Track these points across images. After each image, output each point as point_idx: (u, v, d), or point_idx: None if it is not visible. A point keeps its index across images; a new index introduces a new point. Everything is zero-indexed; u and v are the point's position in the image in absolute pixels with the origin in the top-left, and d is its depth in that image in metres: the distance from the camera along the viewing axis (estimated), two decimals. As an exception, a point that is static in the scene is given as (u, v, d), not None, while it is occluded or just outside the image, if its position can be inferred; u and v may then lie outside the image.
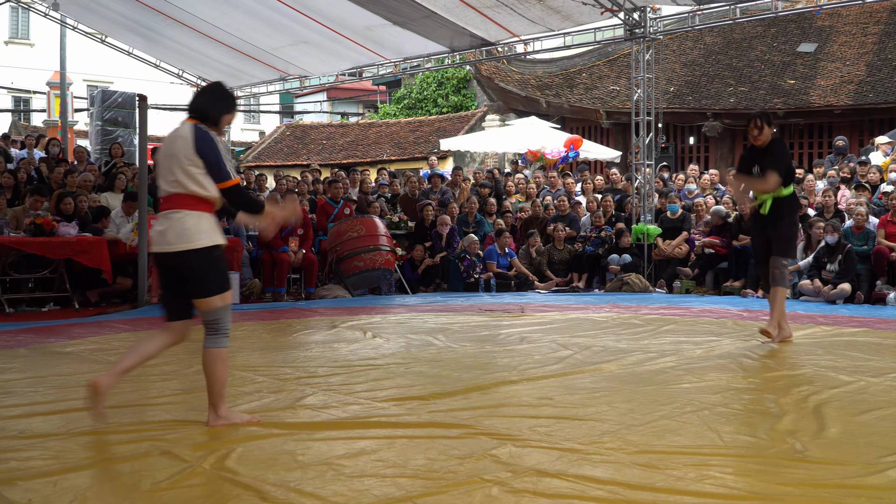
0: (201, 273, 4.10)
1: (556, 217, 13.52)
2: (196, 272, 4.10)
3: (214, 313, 4.14)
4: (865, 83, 19.38)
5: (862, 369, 5.75)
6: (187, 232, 4.06)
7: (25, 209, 10.42)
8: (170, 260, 4.12)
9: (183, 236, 4.05)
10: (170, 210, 4.12)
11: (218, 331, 4.17)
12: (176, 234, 4.06)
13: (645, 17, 12.99)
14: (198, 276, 4.10)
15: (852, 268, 10.39)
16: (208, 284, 4.11)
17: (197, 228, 4.08)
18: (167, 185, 4.14)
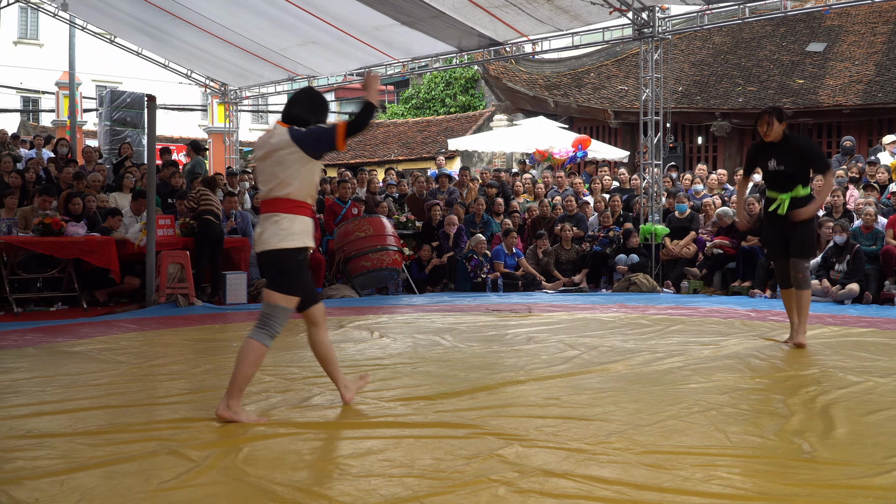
0: (282, 268, 4.35)
1: (564, 217, 13.51)
2: (278, 267, 4.36)
3: (273, 309, 4.37)
4: (874, 83, 19.32)
5: (870, 370, 5.73)
6: (281, 232, 4.33)
7: (34, 209, 10.45)
8: (266, 258, 4.39)
9: (277, 235, 4.33)
10: (269, 213, 4.39)
11: (265, 326, 4.38)
12: (271, 234, 4.34)
13: (653, 17, 12.97)
14: (279, 271, 4.36)
15: (861, 268, 10.36)
16: (281, 281, 4.36)
17: (290, 230, 4.33)
18: (266, 188, 4.41)
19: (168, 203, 12.05)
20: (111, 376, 5.64)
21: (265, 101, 34.72)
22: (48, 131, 24.37)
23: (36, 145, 16.47)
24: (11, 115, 30.47)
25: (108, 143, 18.99)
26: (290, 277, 4.37)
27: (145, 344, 7.26)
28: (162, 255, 10.19)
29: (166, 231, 10.67)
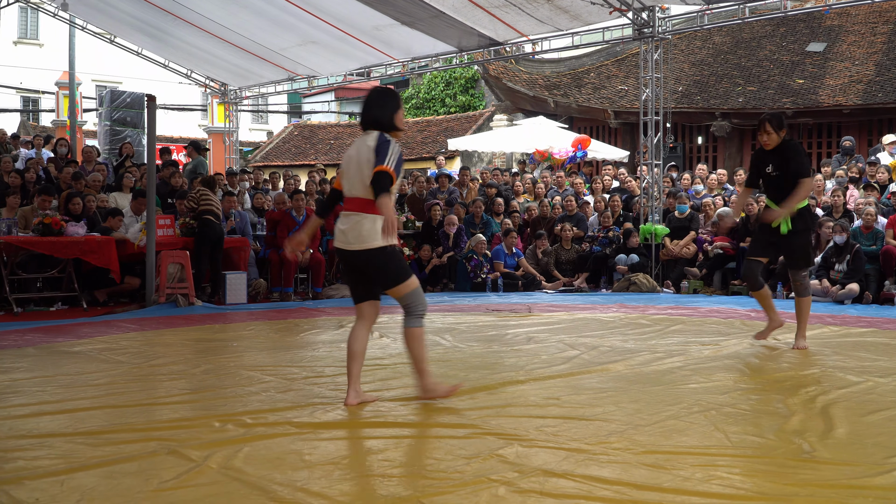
0: (382, 268, 4.58)
1: (564, 217, 13.51)
2: (377, 268, 4.59)
3: (405, 298, 4.63)
4: (874, 83, 19.31)
5: (870, 370, 5.73)
6: (363, 235, 4.53)
7: (34, 209, 10.45)
8: (349, 257, 4.62)
9: (360, 238, 4.53)
10: (351, 212, 4.60)
11: (412, 312, 4.65)
12: (354, 236, 4.55)
13: (653, 17, 12.97)
14: (380, 271, 4.60)
15: (861, 268, 10.36)
16: (391, 276, 4.59)
17: (373, 230, 4.51)
18: (350, 188, 4.62)
19: (168, 203, 12.05)
20: (111, 376, 5.64)
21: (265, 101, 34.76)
22: (48, 131, 24.37)
23: (36, 145, 16.46)
24: (11, 115, 30.48)
25: (108, 143, 18.99)
26: (391, 267, 4.59)
27: (145, 344, 7.26)
28: (162, 255, 10.19)
29: (166, 231, 10.67)
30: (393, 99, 4.73)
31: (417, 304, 4.65)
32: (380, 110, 4.66)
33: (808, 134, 20.10)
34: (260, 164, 27.02)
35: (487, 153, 24.34)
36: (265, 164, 27.10)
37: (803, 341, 6.67)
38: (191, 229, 10.84)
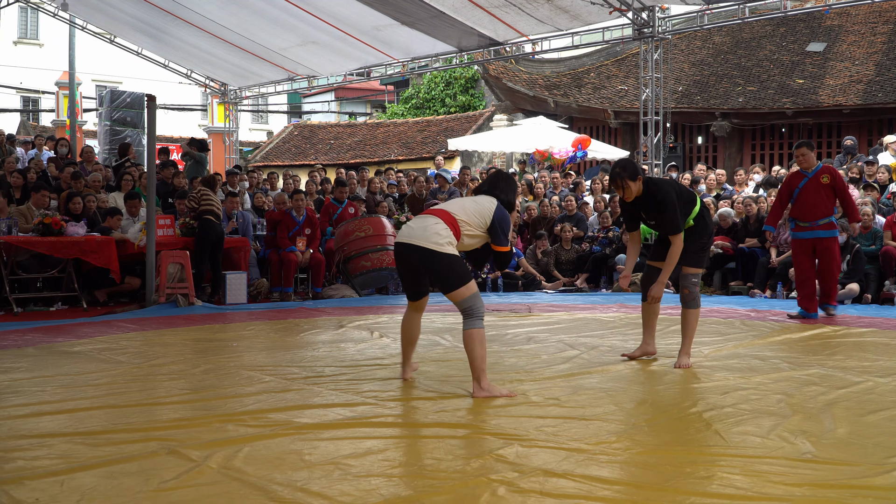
0: (445, 271, 4.80)
1: (564, 217, 13.51)
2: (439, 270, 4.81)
3: (464, 302, 4.80)
4: (874, 83, 19.32)
5: (870, 370, 5.73)
6: (435, 237, 4.78)
7: (29, 207, 10.44)
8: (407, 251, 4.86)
9: (426, 238, 4.78)
10: (429, 215, 4.93)
11: (471, 315, 4.81)
12: (421, 235, 4.80)
13: (653, 17, 12.98)
14: (441, 273, 4.81)
15: (860, 268, 10.36)
16: (454, 279, 4.79)
17: (449, 238, 4.80)
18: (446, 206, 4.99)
19: (168, 203, 12.05)
20: (111, 376, 5.63)
21: (265, 101, 34.79)
22: (48, 131, 24.38)
23: (37, 145, 16.46)
24: (11, 115, 30.49)
25: (108, 143, 18.99)
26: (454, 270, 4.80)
27: (145, 344, 7.26)
28: (162, 255, 10.19)
29: (166, 231, 10.67)
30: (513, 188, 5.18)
31: (478, 306, 4.82)
32: (506, 195, 5.08)
33: (808, 134, 20.10)
34: (260, 164, 27.02)
35: (487, 153, 24.33)
36: (265, 164, 27.10)
37: (686, 359, 5.97)
38: (191, 229, 10.83)
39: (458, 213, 4.88)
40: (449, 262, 4.76)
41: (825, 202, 8.72)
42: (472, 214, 4.90)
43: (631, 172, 5.73)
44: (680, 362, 5.94)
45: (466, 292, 4.78)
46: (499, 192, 5.06)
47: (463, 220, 4.87)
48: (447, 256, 4.75)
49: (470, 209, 4.93)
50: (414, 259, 4.83)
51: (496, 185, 5.10)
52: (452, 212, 4.89)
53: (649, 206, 5.80)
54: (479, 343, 4.79)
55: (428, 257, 4.75)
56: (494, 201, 4.98)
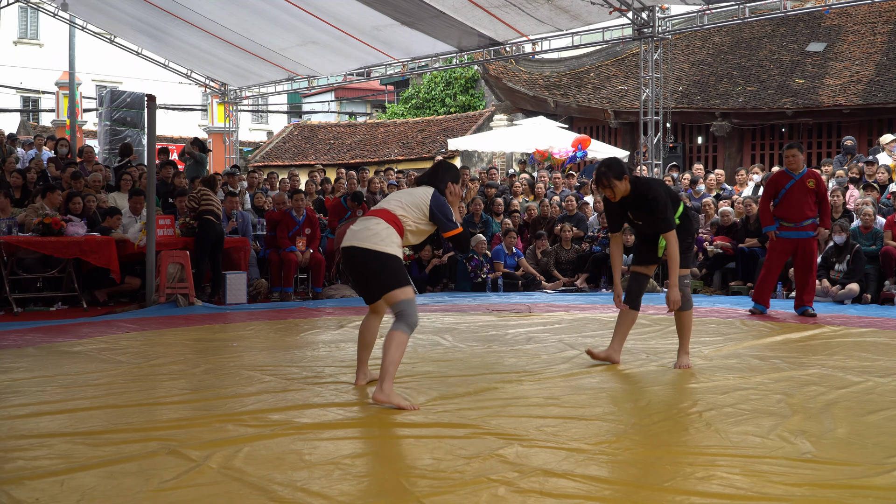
0: (380, 270, 4.73)
1: (564, 217, 13.51)
2: (375, 270, 4.74)
3: (399, 305, 4.72)
4: (874, 83, 19.32)
5: (870, 370, 5.73)
6: (374, 237, 4.73)
7: (36, 209, 10.44)
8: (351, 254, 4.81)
9: (372, 240, 4.72)
10: (371, 216, 4.86)
11: (402, 318, 4.71)
12: (364, 236, 4.75)
13: (653, 17, 12.98)
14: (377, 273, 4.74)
15: (860, 268, 10.36)
16: (389, 279, 4.73)
17: (388, 238, 4.74)
18: (384, 204, 4.94)
19: (168, 203, 12.05)
20: (111, 376, 5.64)
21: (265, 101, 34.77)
22: (48, 131, 24.38)
23: (37, 145, 16.46)
24: (11, 115, 30.48)
25: (108, 143, 18.99)
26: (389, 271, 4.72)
27: (145, 344, 7.26)
28: (162, 255, 10.19)
29: (166, 231, 10.67)
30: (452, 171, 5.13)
31: (411, 313, 4.72)
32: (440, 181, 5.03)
33: (807, 134, 20.11)
34: (260, 164, 27.02)
35: (487, 153, 24.33)
36: (265, 164, 27.10)
37: (686, 358, 5.93)
38: (191, 229, 10.83)
39: (396, 210, 4.85)
40: (388, 262, 4.71)
41: (809, 205, 8.99)
42: (410, 207, 4.87)
43: (617, 172, 5.63)
44: (680, 363, 5.90)
45: (401, 296, 4.71)
46: (437, 181, 5.02)
47: (402, 216, 4.84)
48: (387, 257, 4.70)
49: (406, 202, 4.90)
50: (357, 261, 4.77)
51: (435, 174, 5.06)
52: (391, 209, 4.86)
53: (638, 205, 5.72)
54: (396, 346, 4.65)
55: (369, 258, 4.71)
56: (430, 190, 4.94)
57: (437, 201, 4.90)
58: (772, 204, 9.18)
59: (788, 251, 9.12)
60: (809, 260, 9.04)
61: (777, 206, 9.09)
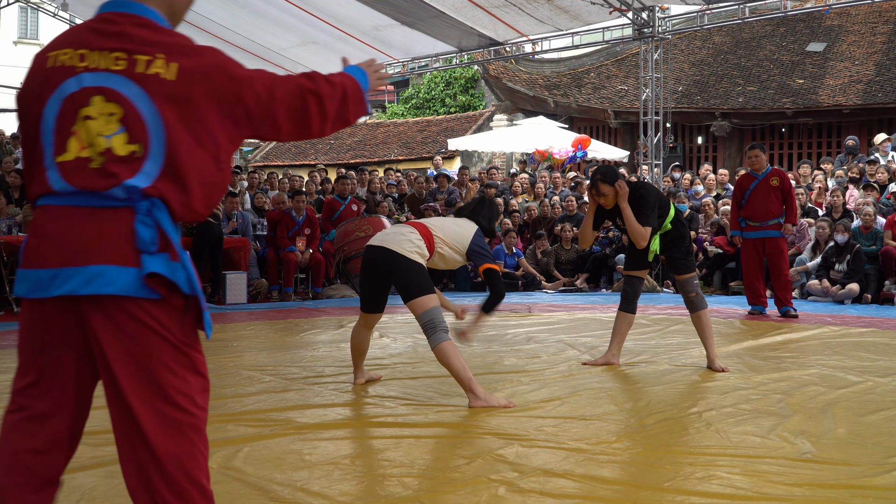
0: (407, 277, 4.70)
1: (564, 217, 13.51)
2: (402, 276, 4.71)
3: (423, 315, 4.70)
4: (874, 83, 19.32)
5: (870, 370, 5.73)
6: (408, 244, 4.73)
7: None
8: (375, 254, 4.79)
9: (402, 245, 4.72)
10: (406, 225, 4.92)
11: (434, 328, 4.69)
12: (394, 240, 4.75)
13: (653, 17, 12.98)
14: (404, 279, 4.71)
15: (861, 268, 10.35)
16: (414, 287, 4.70)
17: (420, 249, 4.76)
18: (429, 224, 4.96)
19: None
20: (111, 376, 5.62)
21: (265, 101, 34.73)
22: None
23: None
24: (11, 115, 30.47)
25: (108, 143, 19.01)
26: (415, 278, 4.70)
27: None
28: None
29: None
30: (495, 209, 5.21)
31: (441, 321, 4.73)
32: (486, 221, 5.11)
33: (807, 134, 20.12)
34: (260, 164, 27.02)
35: (487, 153, 24.34)
36: (265, 164, 27.11)
37: (718, 362, 5.82)
38: (190, 229, 10.84)
39: (436, 230, 4.87)
40: (414, 268, 4.69)
41: (775, 203, 9.03)
42: (451, 235, 4.90)
43: (609, 177, 5.67)
44: (713, 366, 5.77)
45: (427, 303, 4.69)
46: (480, 217, 5.07)
47: (439, 237, 4.85)
48: (413, 263, 4.70)
49: (449, 229, 4.93)
50: (380, 261, 4.75)
51: (479, 210, 5.11)
52: (431, 226, 4.89)
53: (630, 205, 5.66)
54: (452, 356, 4.62)
55: (394, 261, 4.69)
56: (474, 226, 5.00)
57: (478, 239, 4.95)
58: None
59: (759, 250, 9.16)
60: (778, 259, 9.07)
61: (743, 206, 9.19)
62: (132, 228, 2.02)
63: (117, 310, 2.01)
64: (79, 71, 2.09)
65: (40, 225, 2.06)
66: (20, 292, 2.08)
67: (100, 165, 2.03)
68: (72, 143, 2.06)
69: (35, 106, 2.13)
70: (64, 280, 1.99)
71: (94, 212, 2.02)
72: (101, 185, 2.02)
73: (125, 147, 2.04)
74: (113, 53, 2.08)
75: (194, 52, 2.15)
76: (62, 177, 2.05)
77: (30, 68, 2.21)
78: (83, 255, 2.00)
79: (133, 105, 2.05)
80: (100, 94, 2.07)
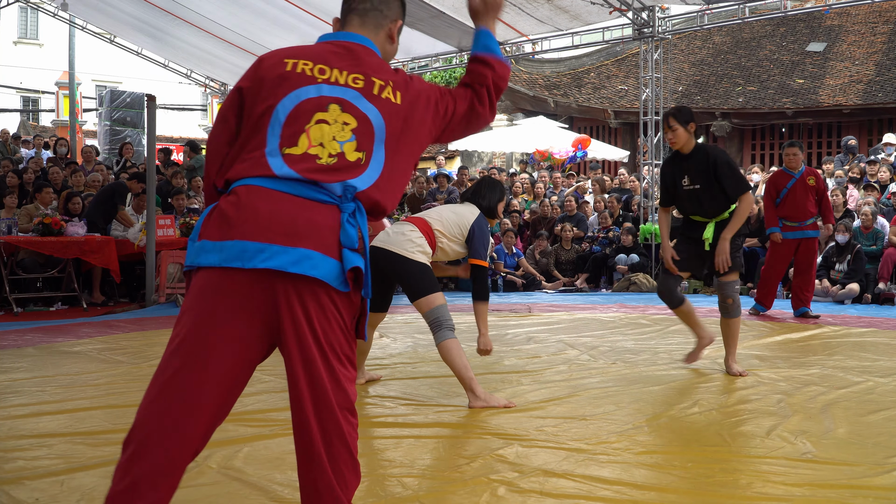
0: (413, 277, 4.71)
1: (564, 217, 13.51)
2: (408, 277, 4.72)
3: (431, 312, 4.69)
4: (874, 83, 19.32)
5: (870, 370, 5.73)
6: (409, 244, 4.73)
7: (30, 210, 10.44)
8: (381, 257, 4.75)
9: (404, 246, 4.73)
10: (408, 223, 4.88)
11: (440, 326, 4.68)
12: (398, 242, 4.75)
13: (653, 17, 12.97)
14: (410, 280, 4.72)
15: (861, 268, 10.36)
16: (422, 286, 4.70)
17: (423, 247, 4.76)
18: (427, 216, 4.94)
19: (168, 203, 12.05)
20: (111, 376, 5.63)
21: (265, 101, 34.73)
22: (48, 131, 24.38)
23: (36, 145, 16.46)
24: (11, 115, 30.47)
25: (108, 143, 19.00)
26: (421, 278, 4.72)
27: (145, 344, 7.25)
28: (162, 255, 10.19)
29: (166, 231, 10.67)
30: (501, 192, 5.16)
31: (447, 318, 4.72)
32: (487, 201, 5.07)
33: (808, 134, 20.11)
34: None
35: (487, 153, 24.34)
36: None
37: (736, 365, 5.68)
38: (191, 229, 10.83)
39: (434, 224, 4.87)
40: (418, 269, 4.71)
41: (812, 203, 8.91)
42: (451, 225, 4.89)
43: (686, 116, 5.42)
44: (731, 369, 5.63)
45: (433, 301, 4.69)
46: (480, 198, 5.06)
47: (439, 231, 4.86)
48: (416, 264, 4.71)
49: (449, 220, 4.91)
50: (384, 263, 4.75)
51: (479, 191, 5.11)
52: (430, 221, 4.88)
53: (700, 167, 5.40)
54: (456, 354, 4.64)
55: (398, 263, 4.70)
56: (476, 211, 4.98)
57: (479, 226, 4.94)
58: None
59: (792, 251, 9.02)
60: (811, 259, 8.98)
61: (779, 206, 8.97)
62: (340, 224, 2.26)
63: (311, 293, 2.24)
64: (320, 81, 2.36)
65: (248, 202, 2.23)
66: (209, 261, 2.23)
67: (328, 164, 2.29)
68: (302, 140, 2.30)
69: (267, 100, 2.34)
70: (271, 255, 2.19)
71: (307, 203, 2.25)
72: (327, 179, 2.27)
73: (354, 153, 2.32)
74: (352, 74, 2.39)
75: (413, 79, 2.53)
76: (288, 164, 2.27)
77: (259, 66, 2.43)
78: (294, 237, 2.21)
79: (367, 118, 2.34)
80: (337, 104, 2.34)
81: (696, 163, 5.45)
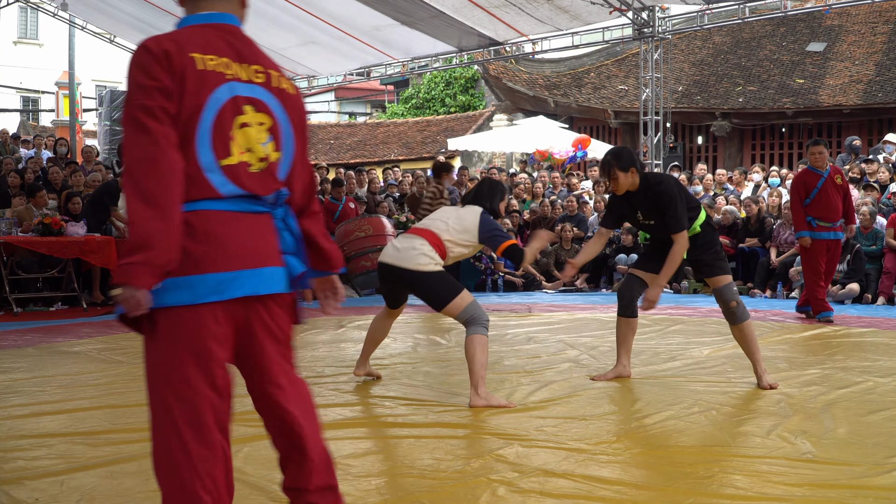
0: (431, 290, 4.77)
1: (565, 217, 13.51)
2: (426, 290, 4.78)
3: (461, 315, 4.75)
4: (875, 83, 19.32)
5: (870, 370, 5.73)
6: (421, 257, 4.73)
7: (29, 208, 10.43)
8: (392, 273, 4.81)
9: (415, 260, 4.72)
10: (413, 235, 4.86)
11: (474, 322, 4.75)
12: (409, 257, 4.74)
13: (653, 17, 12.98)
14: (430, 292, 4.78)
15: (861, 268, 10.36)
16: (443, 296, 4.75)
17: (432, 258, 4.76)
18: (430, 224, 4.93)
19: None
20: (111, 376, 5.63)
21: (265, 101, 34.72)
22: (48, 131, 24.37)
23: (36, 145, 16.46)
24: (11, 115, 30.47)
25: (108, 143, 19.00)
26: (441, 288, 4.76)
27: (145, 344, 7.24)
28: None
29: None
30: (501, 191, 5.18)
31: (480, 315, 4.76)
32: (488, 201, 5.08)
33: (808, 134, 20.10)
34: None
35: (487, 153, 24.33)
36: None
37: (768, 377, 5.25)
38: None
39: (442, 233, 4.84)
40: (434, 280, 4.72)
41: (840, 202, 8.59)
42: (457, 232, 4.87)
43: (624, 163, 5.09)
44: (765, 382, 5.18)
45: (461, 304, 4.72)
46: (483, 199, 5.06)
47: (447, 240, 4.84)
48: (431, 275, 4.71)
49: (454, 227, 4.89)
50: (396, 279, 4.79)
51: (480, 193, 5.11)
52: (437, 231, 4.85)
53: (649, 202, 5.14)
54: (480, 349, 4.67)
55: (412, 279, 4.71)
56: (477, 212, 4.95)
57: (485, 223, 4.92)
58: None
59: (824, 250, 8.58)
60: (835, 263, 8.76)
61: (809, 205, 8.54)
62: (277, 232, 2.30)
63: (272, 299, 2.33)
64: (229, 79, 2.24)
65: (205, 232, 2.19)
66: (180, 300, 2.20)
67: (258, 171, 2.25)
68: (233, 148, 2.22)
69: (190, 104, 2.17)
70: (242, 282, 2.23)
71: (250, 217, 2.25)
72: (262, 191, 2.25)
73: (274, 154, 2.30)
74: (252, 66, 2.30)
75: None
76: (229, 179, 2.20)
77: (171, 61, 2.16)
78: (254, 257, 2.24)
79: (275, 116, 2.30)
80: (250, 105, 2.26)
81: (645, 199, 5.18)
